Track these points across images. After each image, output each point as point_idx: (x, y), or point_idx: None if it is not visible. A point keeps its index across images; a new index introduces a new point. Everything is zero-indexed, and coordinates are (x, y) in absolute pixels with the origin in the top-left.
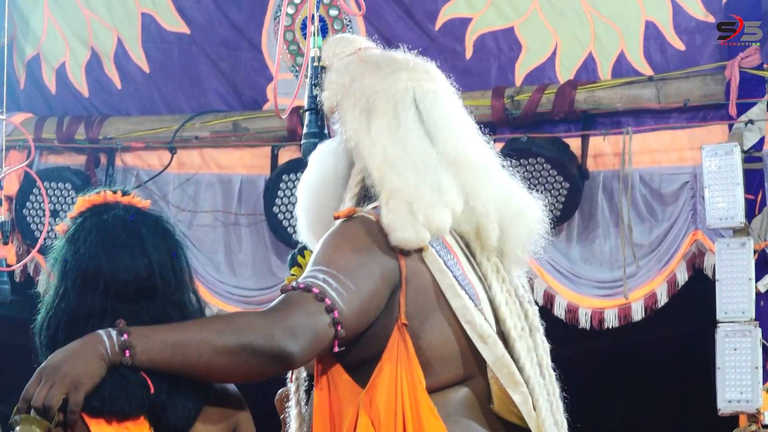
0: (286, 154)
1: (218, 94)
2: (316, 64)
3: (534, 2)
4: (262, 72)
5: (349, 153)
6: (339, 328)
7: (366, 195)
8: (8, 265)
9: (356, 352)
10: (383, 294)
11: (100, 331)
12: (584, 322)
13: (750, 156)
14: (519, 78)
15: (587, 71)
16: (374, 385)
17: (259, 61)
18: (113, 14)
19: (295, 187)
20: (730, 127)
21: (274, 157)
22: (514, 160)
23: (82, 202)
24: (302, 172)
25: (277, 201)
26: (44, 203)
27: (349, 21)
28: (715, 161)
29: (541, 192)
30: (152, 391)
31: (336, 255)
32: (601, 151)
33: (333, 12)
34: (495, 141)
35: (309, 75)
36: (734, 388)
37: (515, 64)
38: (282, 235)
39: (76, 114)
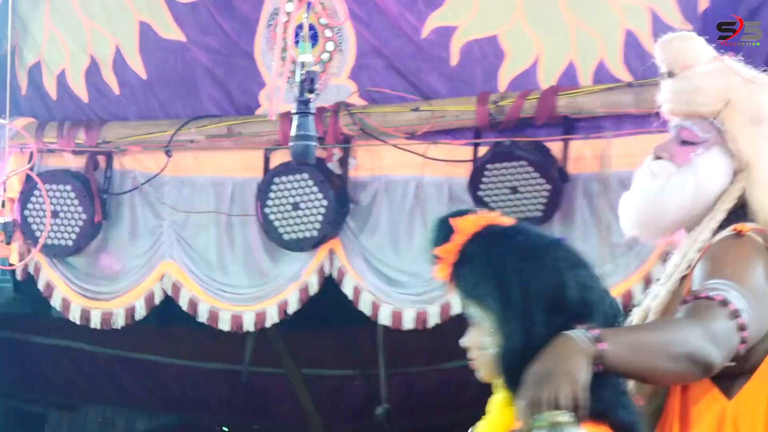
0: (278, 158)
1: (213, 100)
2: (303, 70)
3: (517, 11)
4: (255, 78)
5: (731, 163)
6: (742, 346)
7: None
8: (10, 264)
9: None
10: None
11: (568, 332)
12: None
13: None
14: (503, 84)
15: (569, 78)
16: (747, 400)
17: (252, 67)
18: (112, 22)
19: (286, 189)
20: None
21: (267, 160)
22: (497, 164)
23: (470, 223)
24: (293, 174)
25: (269, 202)
26: (45, 204)
27: (339, 30)
28: None
29: (523, 194)
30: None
31: (744, 274)
32: (582, 154)
33: (323, 20)
34: (479, 145)
35: (297, 80)
36: None
37: (498, 70)
38: (273, 235)
39: (76, 119)
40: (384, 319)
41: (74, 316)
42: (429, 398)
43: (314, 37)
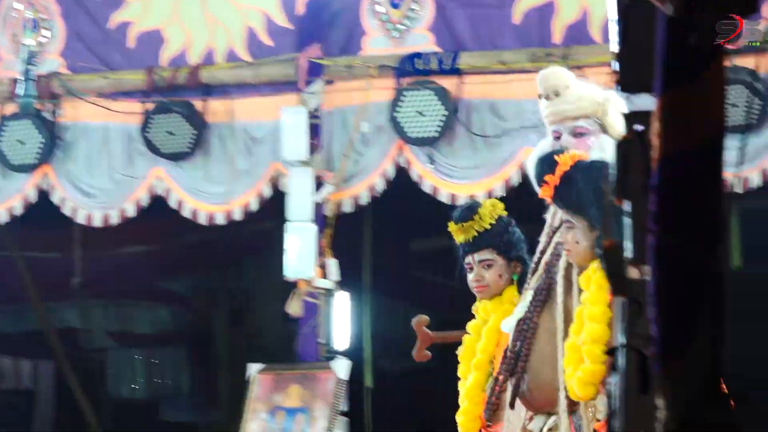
0: (11, 108)
1: None
2: (27, 49)
3: (175, 10)
4: None
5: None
6: None
7: None
8: None
9: None
10: None
11: None
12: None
13: (312, 115)
14: (164, 60)
15: (210, 58)
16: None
17: None
18: None
19: (14, 130)
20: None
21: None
22: (160, 115)
23: (567, 159)
24: (20, 120)
25: (2, 139)
26: None
27: (51, 21)
28: (290, 118)
29: (176, 136)
30: None
31: None
32: (217, 110)
33: (42, 15)
34: (146, 102)
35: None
36: (298, 263)
37: (160, 51)
38: (2, 160)
39: None
40: (81, 219)
41: None
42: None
43: (35, 26)
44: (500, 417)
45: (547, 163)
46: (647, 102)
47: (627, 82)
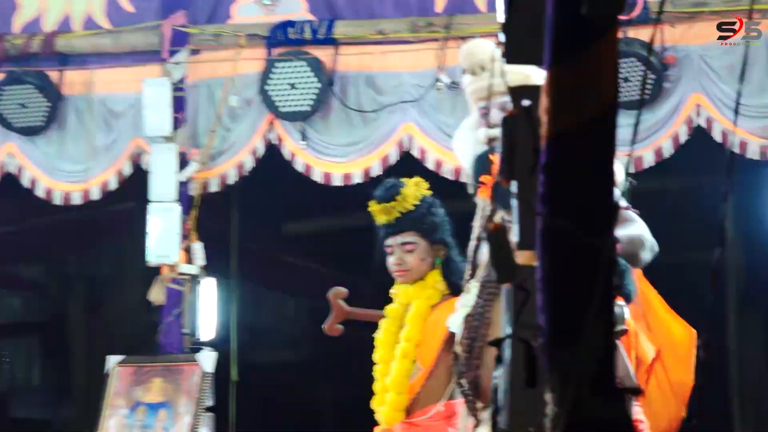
0: None
1: None
2: None
3: None
4: None
5: None
6: None
7: None
8: None
9: None
10: None
11: None
12: None
13: (177, 87)
14: (16, 28)
15: (66, 25)
16: None
17: None
18: None
19: None
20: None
21: None
22: (10, 86)
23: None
24: None
25: None
26: None
27: None
28: (152, 90)
29: (30, 108)
30: None
31: None
32: (73, 81)
33: None
34: None
35: None
36: (161, 247)
37: (12, 17)
38: None
39: None
40: None
41: None
42: None
43: None
44: (417, 406)
45: (481, 163)
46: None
47: (514, 54)
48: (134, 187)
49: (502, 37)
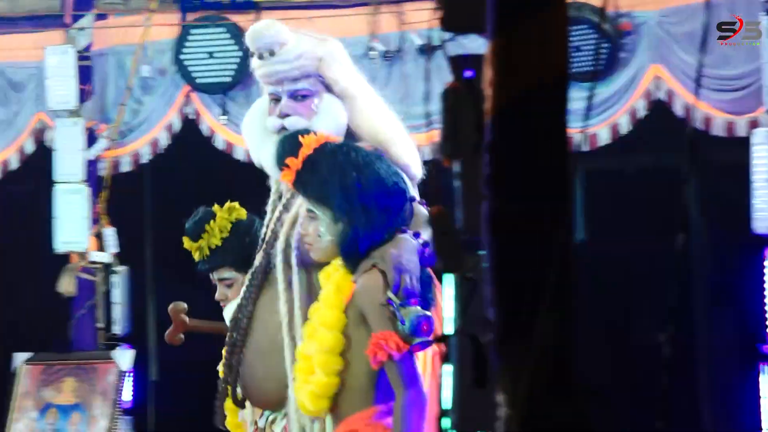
0: None
1: None
2: None
3: None
4: None
5: (341, 103)
6: None
7: None
8: None
9: None
10: None
11: (405, 236)
12: None
13: (82, 55)
14: None
15: None
16: None
17: None
18: None
19: None
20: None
21: None
22: None
23: (312, 140)
24: None
25: None
26: None
27: None
28: (55, 59)
29: None
30: None
31: None
32: None
33: None
34: None
35: None
36: (69, 233)
37: None
38: None
39: None
40: None
41: None
42: None
43: None
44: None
45: (289, 144)
46: (477, 44)
47: (453, 21)
48: (37, 167)
49: (438, 1)
